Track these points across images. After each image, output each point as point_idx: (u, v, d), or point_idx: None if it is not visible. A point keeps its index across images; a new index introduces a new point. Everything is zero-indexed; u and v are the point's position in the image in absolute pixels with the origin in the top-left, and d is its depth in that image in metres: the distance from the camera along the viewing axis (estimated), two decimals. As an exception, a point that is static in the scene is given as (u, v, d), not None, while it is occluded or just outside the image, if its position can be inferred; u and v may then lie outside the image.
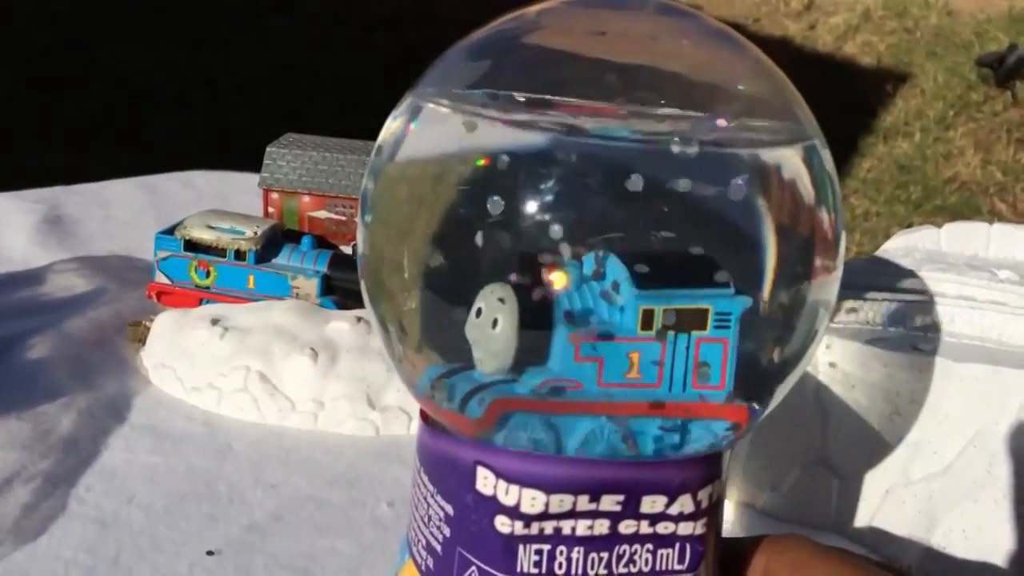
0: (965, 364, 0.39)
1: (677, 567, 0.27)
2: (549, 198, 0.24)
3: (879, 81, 2.56)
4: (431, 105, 0.27)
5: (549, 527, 0.26)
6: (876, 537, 0.41)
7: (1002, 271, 0.44)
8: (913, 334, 0.42)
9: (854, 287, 0.44)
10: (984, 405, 0.38)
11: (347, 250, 0.60)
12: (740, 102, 0.27)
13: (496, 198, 0.24)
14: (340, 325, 0.52)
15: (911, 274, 0.45)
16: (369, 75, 2.30)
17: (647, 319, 0.25)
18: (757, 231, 0.25)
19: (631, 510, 0.26)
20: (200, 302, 0.56)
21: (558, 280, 0.25)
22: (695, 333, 0.25)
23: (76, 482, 0.43)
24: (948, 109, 2.38)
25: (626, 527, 0.26)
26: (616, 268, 0.24)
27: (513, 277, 0.24)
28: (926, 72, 2.55)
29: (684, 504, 0.26)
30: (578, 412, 0.25)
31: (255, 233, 0.56)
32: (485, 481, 0.26)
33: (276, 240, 0.57)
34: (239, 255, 0.55)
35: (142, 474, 0.44)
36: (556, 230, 0.24)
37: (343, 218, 0.61)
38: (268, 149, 0.63)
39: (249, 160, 0.77)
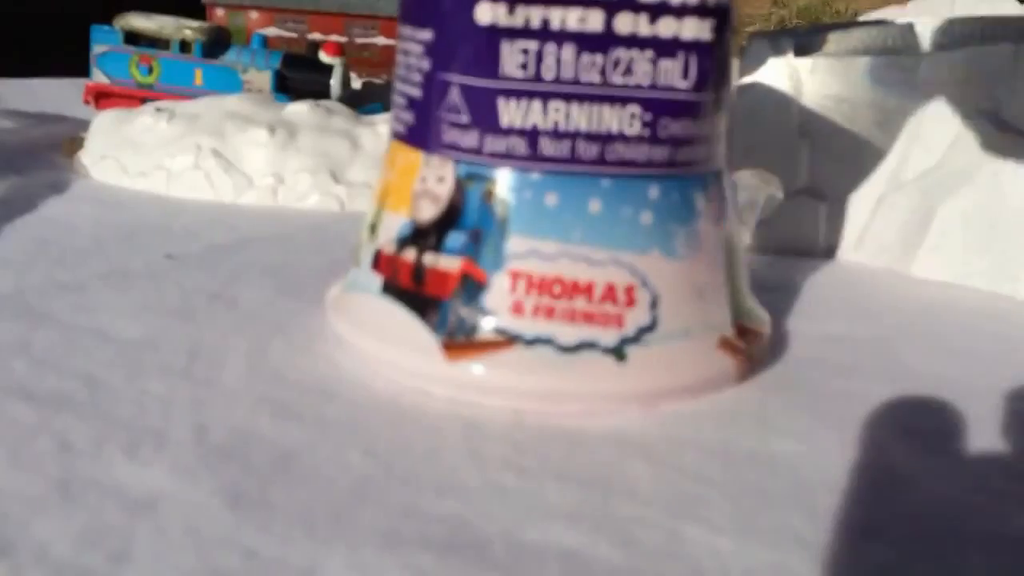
0: (952, 51, 0.39)
1: (680, 84, 0.24)
2: None
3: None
4: None
5: (536, 16, 0.24)
6: (869, 249, 0.40)
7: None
8: (899, 49, 0.42)
9: (835, 28, 0.44)
10: (976, 85, 0.38)
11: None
12: None
13: None
14: (298, 107, 0.49)
15: (886, 21, 0.45)
16: None
17: None
18: None
19: None
20: (142, 103, 0.53)
21: None
22: None
23: (12, 220, 0.39)
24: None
25: (623, 24, 0.24)
26: None
27: None
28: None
29: None
30: None
31: (201, 26, 0.52)
32: None
33: (223, 40, 0.54)
34: (184, 47, 0.52)
35: (86, 221, 0.40)
36: None
37: (294, 35, 0.58)
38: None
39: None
